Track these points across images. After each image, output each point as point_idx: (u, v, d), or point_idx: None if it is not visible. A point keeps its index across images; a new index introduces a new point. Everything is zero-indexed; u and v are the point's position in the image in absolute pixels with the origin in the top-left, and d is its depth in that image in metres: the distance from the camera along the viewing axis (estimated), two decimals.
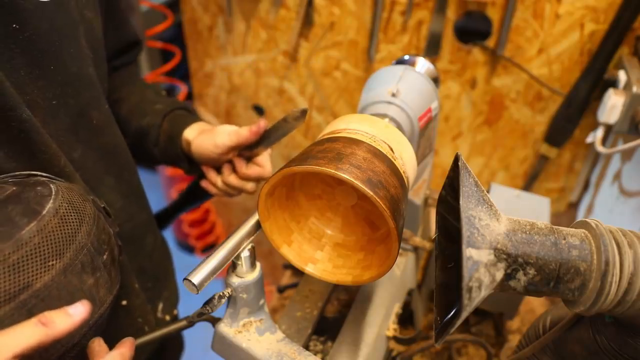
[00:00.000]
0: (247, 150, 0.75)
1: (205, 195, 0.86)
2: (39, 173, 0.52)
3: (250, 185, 0.76)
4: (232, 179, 0.76)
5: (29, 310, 0.42)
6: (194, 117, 0.80)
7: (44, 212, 0.45)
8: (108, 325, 0.53)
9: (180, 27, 1.63)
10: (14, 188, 0.46)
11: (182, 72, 2.01)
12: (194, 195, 0.89)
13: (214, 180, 0.78)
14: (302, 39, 1.36)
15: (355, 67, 1.34)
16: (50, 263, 0.43)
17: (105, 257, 0.51)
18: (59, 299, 0.44)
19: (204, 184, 0.80)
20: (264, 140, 0.73)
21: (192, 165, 0.80)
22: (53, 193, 0.47)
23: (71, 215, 0.47)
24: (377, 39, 1.26)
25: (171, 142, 0.77)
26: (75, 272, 0.46)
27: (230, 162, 0.77)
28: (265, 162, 0.76)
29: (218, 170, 0.79)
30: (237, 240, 0.54)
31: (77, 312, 0.41)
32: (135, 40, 0.81)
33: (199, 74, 1.67)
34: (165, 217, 0.93)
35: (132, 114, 0.78)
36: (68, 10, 0.57)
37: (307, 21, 1.31)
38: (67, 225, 0.46)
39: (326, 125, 0.61)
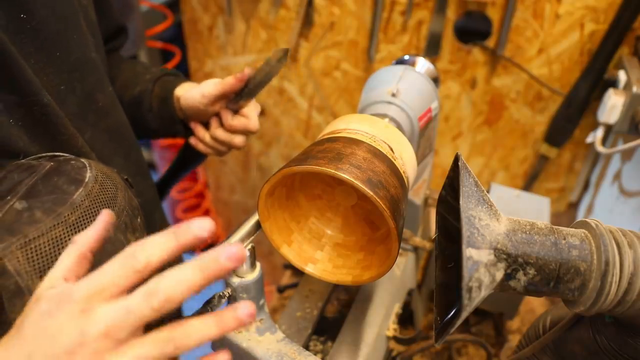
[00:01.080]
0: (234, 103, 0.75)
1: (197, 157, 0.86)
2: (61, 154, 0.55)
3: (238, 139, 0.76)
4: (220, 132, 0.76)
5: (93, 265, 0.44)
6: (184, 79, 0.82)
7: (86, 179, 0.49)
8: None
9: (180, 27, 1.63)
10: (51, 163, 0.50)
11: (182, 72, 2.01)
12: (186, 159, 0.89)
13: (202, 135, 0.78)
14: (302, 39, 1.36)
15: (355, 67, 1.34)
16: None
17: (139, 220, 0.55)
18: (112, 255, 0.47)
19: (192, 141, 0.80)
20: (248, 89, 0.73)
21: (188, 129, 0.81)
22: (87, 165, 0.52)
23: (107, 182, 0.52)
24: (377, 39, 1.26)
25: (164, 104, 0.77)
26: (121, 230, 0.51)
27: (218, 116, 0.77)
28: (251, 113, 0.76)
29: (206, 126, 0.79)
30: (237, 240, 0.54)
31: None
32: (122, 26, 0.84)
33: (199, 74, 1.67)
34: (162, 186, 0.94)
35: (124, 87, 0.80)
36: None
37: (307, 21, 1.32)
38: (107, 191, 0.51)
39: (326, 125, 0.61)
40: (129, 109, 0.79)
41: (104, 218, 0.40)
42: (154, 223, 0.81)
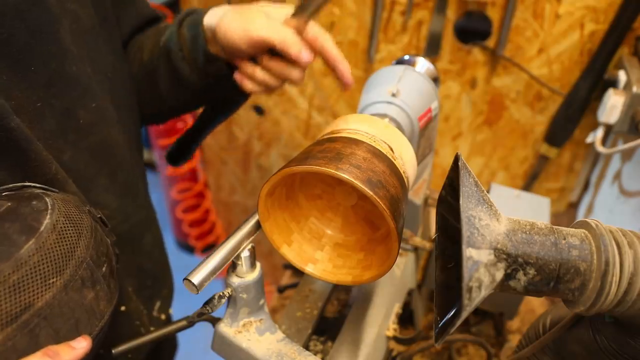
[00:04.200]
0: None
1: (234, 102, 0.75)
2: (33, 184, 0.51)
3: (296, 73, 0.61)
4: (274, 64, 0.60)
5: (31, 330, 0.41)
6: (210, 9, 0.68)
7: (42, 228, 0.44)
8: (109, 332, 0.53)
9: None
10: (9, 204, 0.45)
11: None
12: (225, 102, 0.76)
13: (251, 71, 0.62)
14: None
15: (355, 67, 1.34)
16: (51, 281, 0.43)
17: (104, 269, 0.50)
18: (61, 316, 0.44)
19: (237, 77, 0.65)
20: (311, 6, 0.56)
21: (230, 66, 0.67)
22: (49, 207, 0.46)
23: (69, 230, 0.46)
24: (377, 39, 1.26)
25: (197, 45, 0.65)
26: (75, 287, 0.45)
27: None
28: (321, 34, 0.58)
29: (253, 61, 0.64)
30: (237, 240, 0.54)
31: (80, 346, 0.44)
32: (155, 16, 0.78)
33: None
34: (195, 135, 0.83)
35: (151, 50, 0.72)
36: (45, 6, 0.54)
37: None
38: (65, 241, 0.45)
39: (326, 125, 0.61)
40: (160, 70, 0.69)
41: (83, 347, 0.43)
42: (142, 247, 0.75)
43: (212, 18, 0.63)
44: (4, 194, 0.49)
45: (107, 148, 0.65)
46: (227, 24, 0.60)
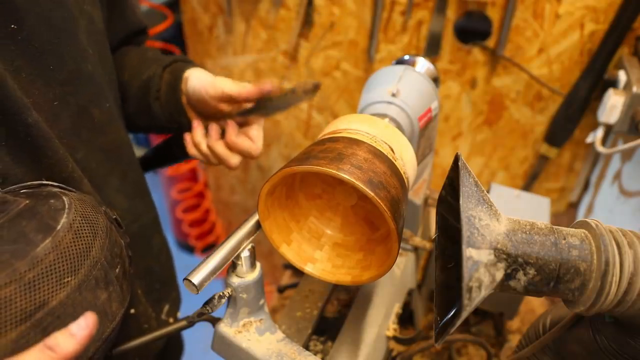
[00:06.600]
0: (243, 114, 0.69)
1: (179, 156, 0.81)
2: (51, 183, 0.51)
3: (234, 160, 0.69)
4: (219, 147, 0.69)
5: (44, 329, 0.41)
6: (196, 65, 0.75)
7: (59, 227, 0.44)
8: (117, 335, 0.53)
9: (180, 27, 1.63)
10: (27, 201, 0.45)
11: None
12: (169, 153, 0.82)
13: (198, 140, 0.70)
14: (302, 39, 1.36)
15: (355, 67, 1.34)
16: (66, 280, 0.43)
17: (117, 270, 0.50)
18: (74, 316, 0.43)
19: (186, 137, 0.72)
20: (263, 106, 0.66)
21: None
22: (66, 206, 0.46)
23: (85, 230, 0.47)
24: (377, 39, 1.26)
25: (172, 91, 0.71)
26: (89, 288, 0.45)
27: (220, 121, 0.71)
28: (257, 138, 0.69)
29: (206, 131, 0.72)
30: (237, 240, 0.54)
31: (80, 331, 0.39)
32: (143, 28, 0.80)
33: None
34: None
35: (133, 75, 0.74)
36: (65, 5, 0.55)
37: (307, 21, 1.32)
38: (81, 240, 0.46)
39: (326, 125, 0.61)
40: (136, 97, 0.73)
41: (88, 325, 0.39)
42: (151, 248, 0.76)
43: (190, 72, 0.71)
44: (22, 191, 0.49)
45: (117, 148, 0.66)
46: (200, 75, 0.69)
